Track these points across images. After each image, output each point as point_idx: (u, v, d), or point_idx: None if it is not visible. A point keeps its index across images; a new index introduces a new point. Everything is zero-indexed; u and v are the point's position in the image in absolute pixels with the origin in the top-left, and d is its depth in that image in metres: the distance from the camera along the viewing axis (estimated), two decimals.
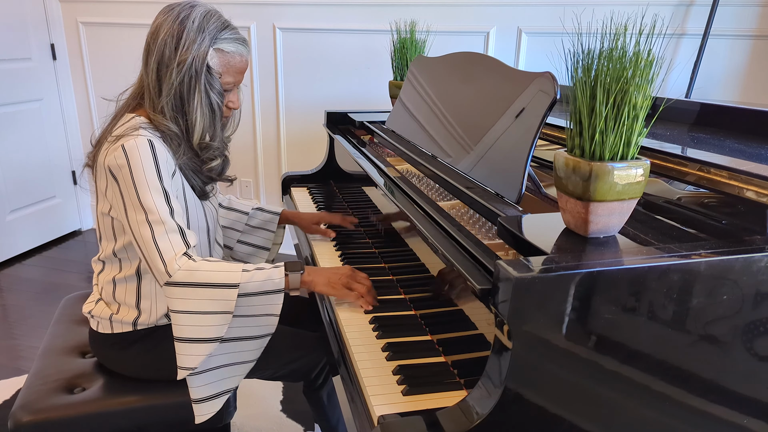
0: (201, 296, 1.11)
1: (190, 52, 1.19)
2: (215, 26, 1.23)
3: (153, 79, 1.21)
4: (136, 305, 1.27)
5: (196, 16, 1.22)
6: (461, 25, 2.62)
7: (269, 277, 1.15)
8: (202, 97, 1.23)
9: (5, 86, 2.97)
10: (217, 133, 1.29)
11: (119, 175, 1.15)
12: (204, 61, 1.21)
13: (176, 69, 1.19)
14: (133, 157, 1.14)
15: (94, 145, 1.27)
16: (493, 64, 1.33)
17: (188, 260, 1.12)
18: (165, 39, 1.20)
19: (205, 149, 1.28)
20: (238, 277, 1.12)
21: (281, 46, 2.90)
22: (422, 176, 1.41)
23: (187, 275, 1.11)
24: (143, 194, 1.13)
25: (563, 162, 0.83)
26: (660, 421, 0.85)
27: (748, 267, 0.81)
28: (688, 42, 2.35)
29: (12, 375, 2.14)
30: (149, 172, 1.14)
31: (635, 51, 0.79)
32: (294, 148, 3.07)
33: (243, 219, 1.60)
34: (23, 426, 1.19)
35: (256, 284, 1.13)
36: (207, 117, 1.25)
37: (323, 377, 1.48)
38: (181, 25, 1.20)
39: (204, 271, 1.11)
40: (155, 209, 1.13)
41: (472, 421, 0.78)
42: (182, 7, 1.23)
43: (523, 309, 0.74)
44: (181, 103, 1.22)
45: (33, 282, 2.90)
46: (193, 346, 1.13)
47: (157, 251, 1.11)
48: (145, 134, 1.17)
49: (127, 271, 1.27)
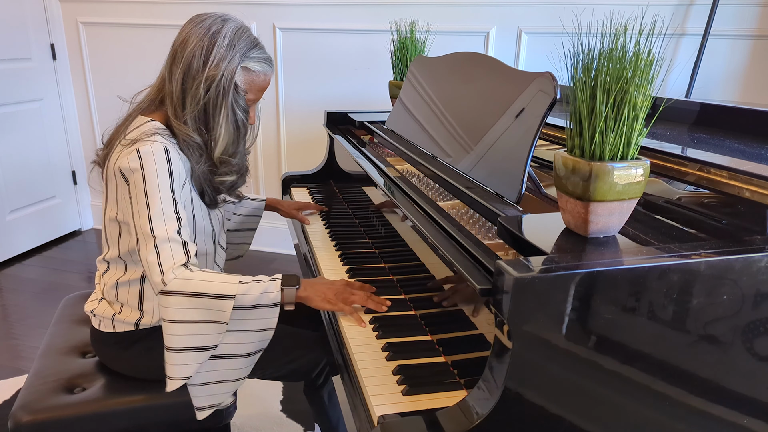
0: (196, 306, 1.10)
1: (220, 68, 1.18)
2: (245, 44, 1.22)
3: (178, 88, 1.20)
4: (139, 307, 1.27)
5: (228, 32, 1.20)
6: (461, 25, 2.62)
7: (266, 291, 1.13)
8: (228, 114, 1.22)
9: (5, 86, 2.97)
10: (239, 150, 1.29)
11: (131, 177, 1.14)
12: (233, 79, 1.20)
13: (204, 83, 1.18)
14: (147, 163, 1.13)
15: (105, 144, 1.27)
16: (493, 64, 1.33)
17: (185, 270, 1.11)
18: (194, 50, 1.18)
19: (224, 164, 1.28)
20: (234, 288, 1.10)
21: (281, 46, 2.90)
22: (422, 176, 1.41)
23: (182, 284, 1.09)
24: (152, 201, 1.12)
25: (563, 162, 0.83)
26: (660, 421, 0.85)
27: (748, 267, 0.81)
28: (688, 42, 2.35)
29: (12, 375, 2.14)
30: (162, 180, 1.14)
31: (635, 51, 0.79)
32: (294, 148, 3.07)
33: (230, 207, 1.66)
34: (23, 426, 1.18)
35: (252, 297, 1.12)
36: (231, 134, 1.25)
37: (324, 377, 1.48)
38: (212, 39, 1.19)
39: (200, 281, 1.10)
40: (162, 218, 1.12)
41: (472, 421, 0.78)
42: (214, 20, 1.22)
43: (523, 309, 0.74)
44: (205, 117, 1.22)
45: (33, 282, 2.90)
46: (184, 355, 1.13)
47: (157, 260, 1.10)
48: (161, 140, 1.17)
49: (131, 274, 1.26)
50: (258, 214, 1.71)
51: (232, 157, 1.28)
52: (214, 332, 1.12)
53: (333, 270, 1.44)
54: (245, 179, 1.39)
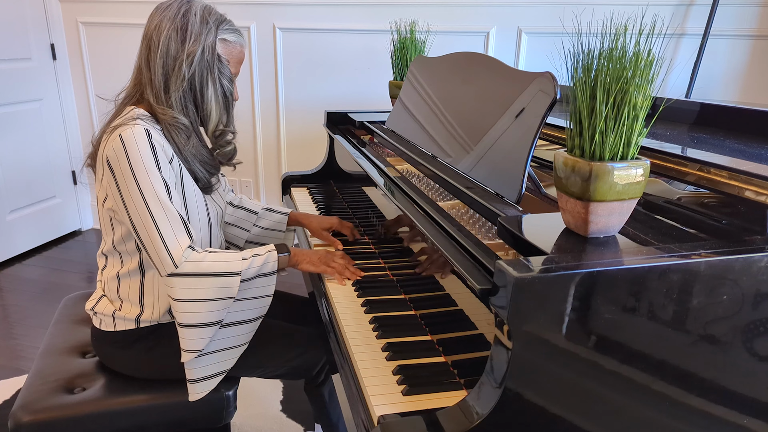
0: (206, 285, 1.15)
1: (199, 42, 1.22)
2: (216, 18, 1.27)
3: (159, 74, 1.22)
4: (139, 301, 1.27)
5: (197, 10, 1.24)
6: (461, 25, 2.62)
7: (265, 261, 1.22)
8: (216, 86, 1.26)
9: (5, 86, 2.97)
10: (230, 119, 1.32)
11: (116, 165, 1.15)
12: (214, 50, 1.24)
13: (186, 61, 1.21)
14: (130, 146, 1.14)
15: (93, 143, 1.28)
16: (493, 64, 1.33)
17: (193, 252, 1.15)
18: (169, 33, 1.22)
19: (221, 135, 1.31)
20: (239, 265, 1.17)
21: (281, 46, 2.90)
22: (422, 176, 1.41)
23: (193, 266, 1.14)
24: (143, 183, 1.13)
25: (563, 162, 0.83)
26: (660, 421, 0.85)
27: (748, 267, 0.81)
28: (688, 42, 2.35)
29: (12, 375, 2.14)
30: (147, 161, 1.15)
31: (635, 51, 0.79)
32: (294, 148, 3.07)
33: (251, 218, 1.59)
34: (23, 426, 1.19)
35: (254, 269, 1.20)
36: (221, 104, 1.28)
37: (324, 374, 1.48)
38: (183, 18, 1.22)
39: (208, 262, 1.15)
40: (156, 198, 1.14)
41: (472, 421, 0.78)
42: (180, 3, 1.25)
43: (523, 309, 0.74)
44: (193, 95, 1.25)
45: (33, 282, 2.90)
46: (198, 330, 1.16)
47: (162, 242, 1.13)
48: (142, 124, 1.18)
49: (129, 265, 1.27)
50: (279, 229, 1.61)
51: (227, 127, 1.31)
52: (222, 307, 1.18)
53: None
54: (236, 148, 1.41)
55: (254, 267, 1.20)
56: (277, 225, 1.61)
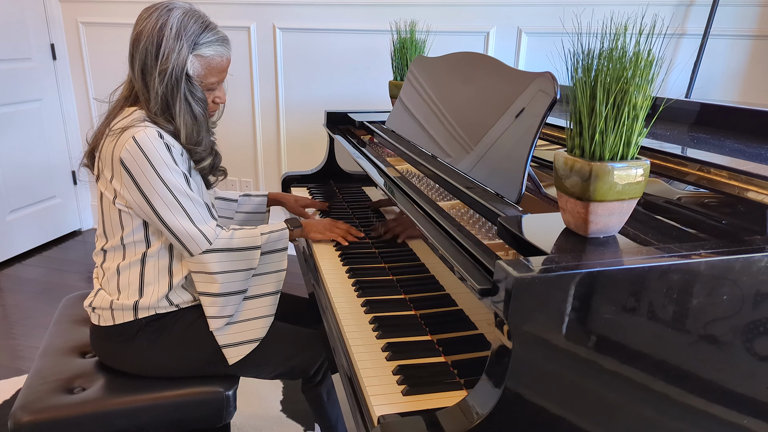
0: (236, 258, 1.29)
1: (170, 61, 1.22)
2: (193, 31, 1.24)
3: (140, 83, 1.26)
4: (139, 289, 1.29)
5: (174, 22, 1.22)
6: (461, 25, 2.62)
7: (280, 237, 1.38)
8: (183, 106, 1.26)
9: (5, 86, 2.97)
10: (202, 137, 1.32)
11: (134, 165, 1.19)
12: (183, 70, 1.24)
13: (158, 77, 1.23)
14: (147, 148, 1.19)
15: (90, 142, 1.29)
16: (493, 64, 1.33)
17: (222, 230, 1.28)
18: (146, 46, 1.23)
19: (191, 152, 1.32)
20: (259, 240, 1.33)
21: (281, 46, 2.90)
22: (422, 176, 1.41)
23: (225, 243, 1.27)
24: (167, 179, 1.20)
25: (563, 162, 0.83)
26: (660, 421, 0.85)
27: (748, 267, 0.81)
28: (688, 42, 2.35)
29: (12, 375, 2.14)
30: (167, 159, 1.21)
31: (635, 51, 0.79)
32: (294, 148, 3.07)
33: (232, 206, 1.70)
34: (23, 426, 1.19)
35: (271, 243, 1.36)
36: (189, 124, 1.28)
37: (322, 374, 1.48)
38: (160, 32, 1.22)
39: (238, 238, 1.30)
40: (181, 190, 1.22)
41: (472, 421, 0.78)
42: (160, 11, 1.24)
43: (523, 309, 0.74)
44: (167, 108, 1.26)
45: (33, 282, 2.90)
46: (229, 298, 1.29)
47: (194, 226, 1.23)
48: (152, 126, 1.23)
49: (131, 257, 1.29)
50: (261, 211, 1.74)
51: (197, 146, 1.31)
52: (246, 277, 1.32)
53: (333, 270, 1.44)
54: (219, 156, 1.43)
55: (271, 241, 1.36)
56: (258, 207, 1.74)
